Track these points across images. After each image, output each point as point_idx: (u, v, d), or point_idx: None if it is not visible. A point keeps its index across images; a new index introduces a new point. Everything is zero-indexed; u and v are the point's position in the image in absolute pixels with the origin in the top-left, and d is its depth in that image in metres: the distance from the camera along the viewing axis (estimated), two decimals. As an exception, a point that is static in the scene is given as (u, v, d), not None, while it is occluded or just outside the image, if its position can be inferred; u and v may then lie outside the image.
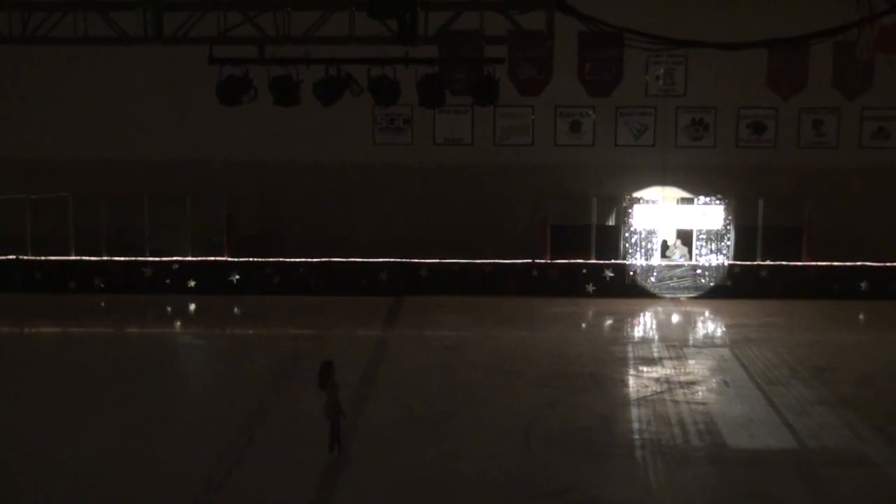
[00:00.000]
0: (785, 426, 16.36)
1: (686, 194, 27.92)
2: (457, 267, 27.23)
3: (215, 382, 19.86)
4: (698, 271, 27.00)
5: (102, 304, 26.64)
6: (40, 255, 27.43)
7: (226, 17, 20.97)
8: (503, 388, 18.50)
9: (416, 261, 27.26)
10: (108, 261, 27.45)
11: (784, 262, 27.05)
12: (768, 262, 27.11)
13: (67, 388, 18.40)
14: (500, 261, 27.18)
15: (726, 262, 26.98)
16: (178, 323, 26.08)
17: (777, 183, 28.00)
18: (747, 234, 27.28)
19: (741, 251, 27.21)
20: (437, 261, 27.23)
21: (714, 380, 19.19)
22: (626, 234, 27.16)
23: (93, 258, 27.45)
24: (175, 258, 27.42)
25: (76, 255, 27.56)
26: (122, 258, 27.45)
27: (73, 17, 21.06)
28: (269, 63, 20.77)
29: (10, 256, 27.39)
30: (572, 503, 13.13)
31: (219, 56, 20.53)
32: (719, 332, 24.12)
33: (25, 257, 27.44)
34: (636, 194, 27.73)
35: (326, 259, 27.29)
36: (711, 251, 26.92)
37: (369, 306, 25.81)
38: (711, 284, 26.98)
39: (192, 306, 26.68)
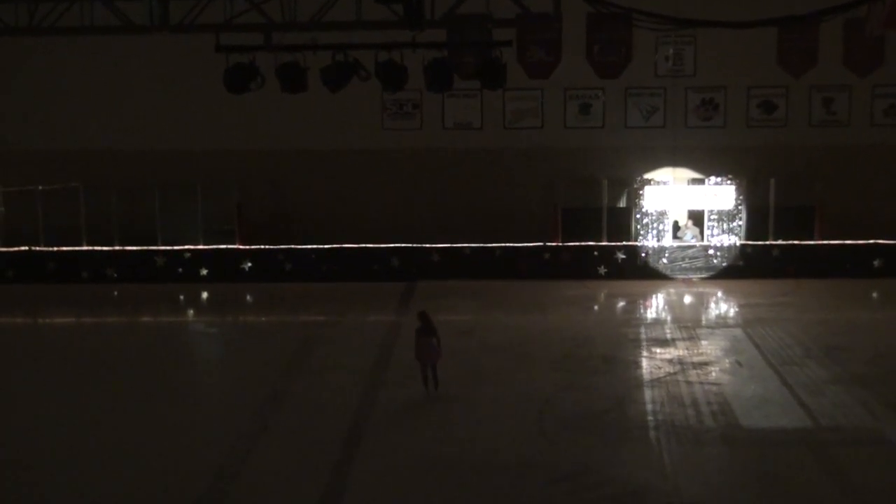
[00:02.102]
0: (799, 406, 16.33)
1: (697, 175, 27.79)
2: (468, 251, 27.21)
3: (228, 370, 19.92)
4: (710, 252, 26.92)
5: (115, 293, 26.70)
6: (53, 246, 27.49)
7: (232, 5, 20.89)
8: (516, 371, 18.51)
9: (427, 246, 27.24)
10: (120, 250, 27.50)
11: (796, 242, 26.95)
12: (780, 242, 27.02)
13: (81, 378, 18.46)
14: (512, 244, 27.14)
15: (738, 243, 26.89)
16: (191, 311, 26.15)
17: (788, 162, 27.86)
18: (759, 213, 27.20)
19: (753, 231, 27.13)
20: (449, 245, 27.21)
21: (727, 360, 19.16)
22: (638, 216, 27.10)
23: (105, 248, 27.51)
24: (187, 247, 27.45)
25: (88, 245, 27.61)
26: (134, 248, 27.50)
27: (80, 7, 21.02)
28: (276, 50, 20.71)
29: (23, 247, 27.45)
30: (586, 485, 13.12)
31: (225, 44, 20.48)
32: (732, 312, 24.06)
33: (38, 248, 27.50)
34: (647, 176, 27.61)
35: (338, 245, 27.29)
36: (723, 231, 26.84)
37: (381, 292, 25.82)
38: (723, 265, 26.90)
39: (205, 294, 26.73)
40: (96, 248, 27.53)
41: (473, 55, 21.04)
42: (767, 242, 27.05)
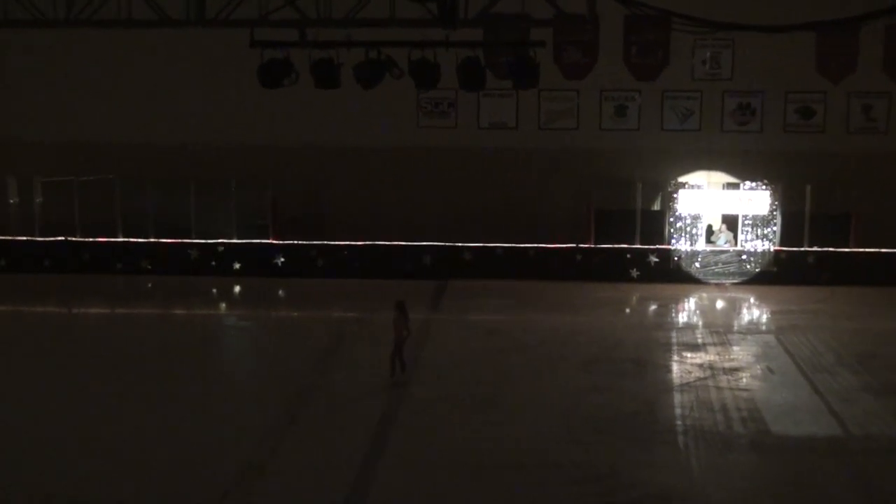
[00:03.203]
0: (830, 414, 16.21)
1: (732, 179, 27.63)
2: (500, 251, 27.18)
3: (259, 364, 20.00)
4: (743, 257, 26.75)
5: (149, 285, 26.88)
6: (88, 237, 27.72)
7: (267, 1, 20.99)
8: (546, 372, 18.48)
9: (459, 244, 27.23)
10: (154, 243, 27.68)
11: (831, 249, 26.71)
12: (815, 249, 26.78)
13: (112, 368, 18.59)
14: (544, 245, 27.08)
15: (772, 248, 26.70)
16: (223, 305, 26.27)
17: (825, 168, 27.59)
18: (794, 219, 26.96)
19: (788, 237, 26.90)
20: (481, 245, 27.18)
21: (758, 366, 19.02)
22: (671, 219, 26.96)
23: (139, 240, 27.71)
24: (220, 241, 27.58)
25: (123, 237, 27.81)
26: (169, 240, 27.67)
27: (117, 1, 21.18)
28: (310, 46, 20.78)
29: (59, 238, 27.70)
30: (613, 488, 13.08)
31: (260, 39, 20.57)
32: (764, 318, 23.90)
33: (74, 239, 27.74)
34: (681, 179, 27.48)
35: (370, 242, 27.34)
36: (757, 237, 26.66)
37: (413, 290, 25.75)
38: (757, 270, 26.71)
39: (237, 288, 26.84)
40: (131, 239, 27.74)
41: (507, 55, 21.00)
42: (802, 249, 26.81)
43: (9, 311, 24.68)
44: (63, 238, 27.70)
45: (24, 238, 27.96)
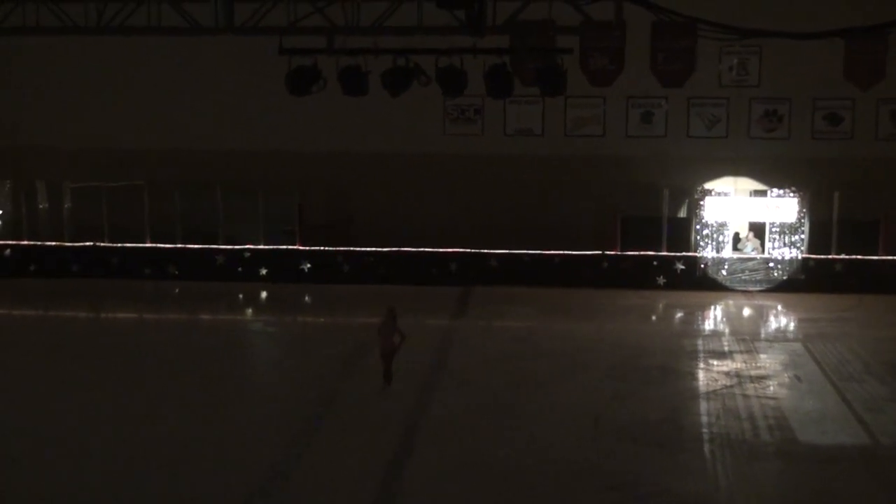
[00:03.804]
0: (857, 422, 16.11)
1: (759, 186, 27.49)
2: (526, 258, 27.18)
3: (285, 369, 20.06)
4: (771, 264, 26.62)
5: (176, 290, 27.04)
6: (116, 242, 27.92)
7: (295, 8, 21.10)
8: (571, 379, 18.45)
9: (485, 251, 27.25)
10: (181, 248, 27.85)
11: (860, 257, 26.56)
12: (843, 256, 26.63)
13: (140, 373, 18.71)
14: (571, 252, 27.06)
15: (800, 256, 26.57)
16: (250, 310, 26.39)
17: (853, 175, 27.41)
18: (822, 227, 26.81)
19: (815, 245, 26.76)
20: (507, 251, 27.19)
21: (786, 374, 18.94)
22: (698, 227, 26.88)
23: (167, 245, 27.88)
24: (247, 246, 27.72)
25: (151, 242, 27.99)
26: (196, 246, 27.82)
27: (147, 8, 21.36)
28: (338, 53, 20.86)
29: (88, 243, 27.91)
30: (638, 495, 13.05)
31: (288, 46, 20.67)
32: (792, 326, 23.80)
33: (102, 243, 27.94)
34: (708, 186, 27.38)
35: (396, 249, 27.40)
36: (785, 244, 26.54)
37: (438, 296, 25.86)
38: (784, 278, 26.59)
39: (264, 294, 26.96)
40: (159, 245, 27.92)
41: (535, 61, 21.00)
42: (830, 256, 26.67)
43: (38, 316, 24.90)
44: (91, 243, 27.90)
45: (54, 243, 28.20)
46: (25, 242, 28.32)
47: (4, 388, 17.69)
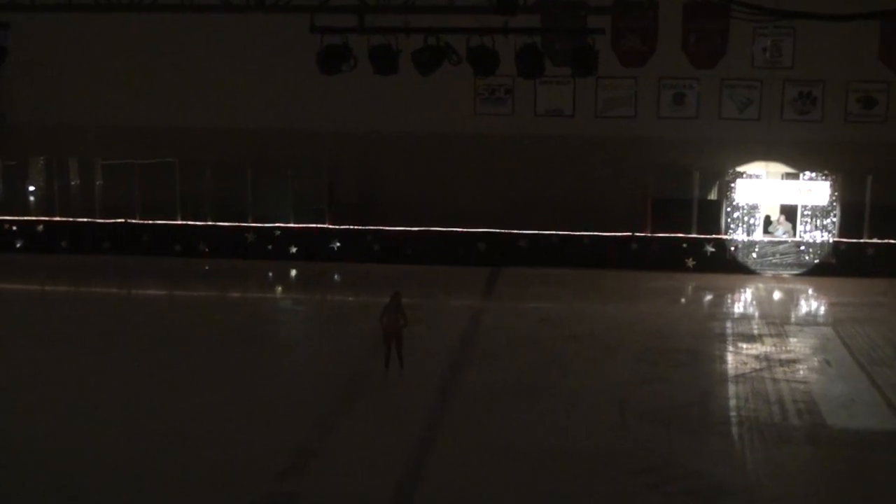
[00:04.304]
0: (887, 407, 16.07)
1: (791, 169, 27.31)
2: (556, 239, 27.12)
3: (314, 348, 20.15)
4: (802, 248, 26.47)
5: (206, 267, 27.17)
6: (147, 219, 28.08)
7: (328, -14, 21.04)
8: (600, 361, 18.45)
9: (514, 232, 27.21)
10: (212, 226, 27.96)
11: (892, 241, 26.32)
12: (875, 240, 26.42)
13: (171, 349, 18.84)
14: (600, 233, 26.98)
15: (831, 240, 26.39)
16: (279, 288, 26.51)
17: (887, 159, 27.17)
18: (854, 210, 26.60)
19: (847, 228, 26.54)
20: (536, 232, 27.14)
21: (815, 358, 18.86)
22: (729, 209, 26.73)
23: (198, 223, 28.00)
24: (277, 225, 27.80)
25: (182, 219, 28.14)
26: (226, 223, 27.93)
27: (180, -14, 21.36)
28: (369, 32, 20.82)
29: (119, 220, 28.07)
30: (667, 478, 13.05)
31: (319, 25, 20.65)
32: (822, 310, 23.68)
33: (134, 220, 28.10)
34: (739, 168, 27.22)
35: (425, 228, 27.40)
36: (816, 228, 26.36)
37: (467, 276, 25.87)
38: (815, 262, 26.42)
39: (293, 272, 27.06)
40: (189, 222, 28.05)
41: (566, 42, 20.91)
42: (862, 240, 26.46)
43: (70, 292, 25.12)
44: (123, 220, 28.07)
45: (85, 220, 28.37)
46: (58, 219, 28.49)
47: (39, 363, 17.85)
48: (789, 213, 26.88)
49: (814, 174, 26.33)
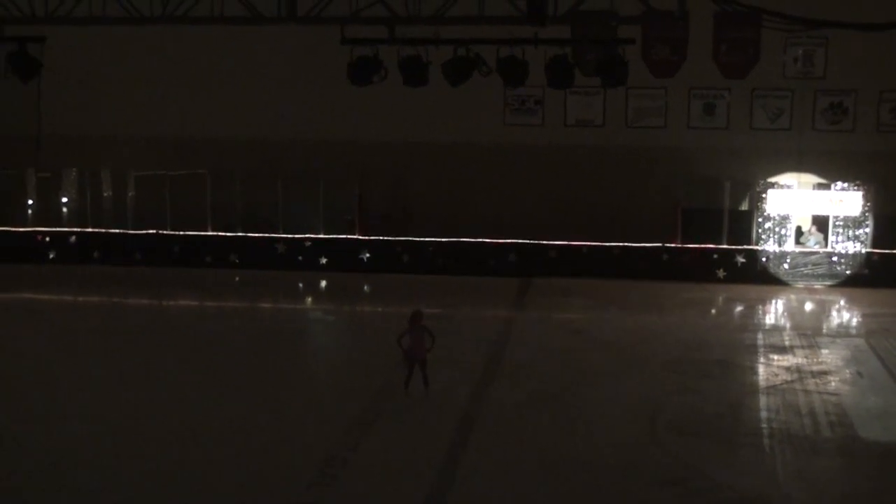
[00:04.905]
0: (920, 420, 15.88)
1: (822, 180, 27.15)
2: (586, 249, 27.07)
3: (343, 358, 20.20)
4: (834, 259, 26.28)
5: (237, 278, 27.30)
6: (179, 230, 28.25)
7: (357, -2, 21.20)
8: (629, 372, 18.36)
9: (544, 242, 27.18)
10: (242, 237, 28.10)
11: (925, 252, 26.15)
12: (909, 251, 26.23)
13: (200, 359, 18.92)
14: (630, 244, 26.92)
15: (864, 250, 26.19)
16: (309, 299, 26.60)
17: (920, 169, 27.00)
18: (887, 221, 26.39)
19: (880, 239, 26.34)
20: (566, 243, 27.10)
21: (847, 370, 18.69)
22: (760, 220, 26.59)
23: (228, 234, 28.15)
24: (307, 236, 27.90)
25: (212, 230, 28.28)
26: (257, 234, 28.06)
27: (212, -2, 21.58)
28: (399, 43, 20.92)
29: (150, 231, 28.26)
30: (696, 490, 12.95)
31: (350, 36, 20.76)
32: (854, 321, 23.49)
33: (165, 231, 28.29)
34: (770, 179, 27.08)
35: (455, 239, 27.42)
36: (848, 238, 26.17)
37: (497, 287, 25.87)
38: (847, 273, 26.22)
39: (323, 283, 27.14)
40: (220, 233, 28.20)
41: (596, 52, 20.90)
42: (895, 251, 26.24)
43: (101, 303, 25.29)
44: (154, 231, 28.25)
45: (117, 230, 28.59)
46: (90, 229, 28.74)
47: (70, 372, 17.97)
48: (821, 223, 26.72)
49: (846, 184, 26.16)
